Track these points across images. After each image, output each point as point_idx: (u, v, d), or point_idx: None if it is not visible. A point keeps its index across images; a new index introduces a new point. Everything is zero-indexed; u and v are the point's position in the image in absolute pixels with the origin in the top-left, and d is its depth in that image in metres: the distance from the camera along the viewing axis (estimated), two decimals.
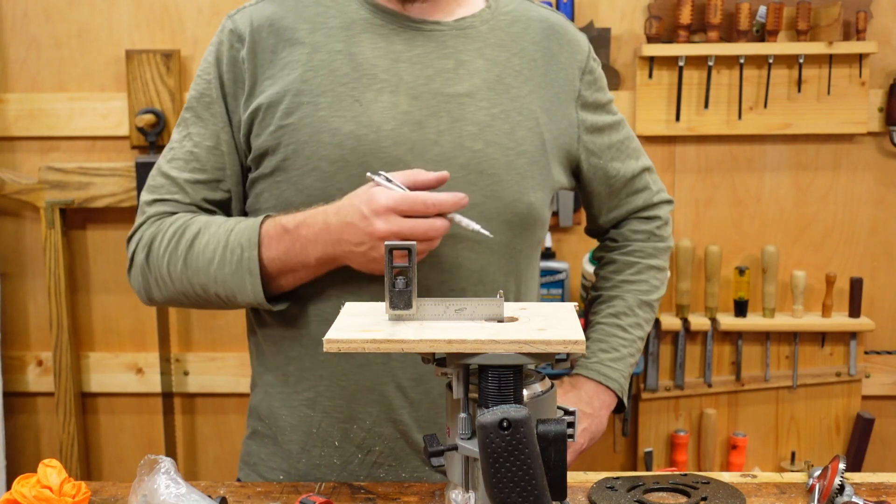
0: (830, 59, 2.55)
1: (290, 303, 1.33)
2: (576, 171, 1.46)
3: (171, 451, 2.69)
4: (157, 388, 2.68)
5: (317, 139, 1.28)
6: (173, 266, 1.31)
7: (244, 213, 1.38)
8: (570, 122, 1.41)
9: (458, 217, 1.22)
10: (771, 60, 2.54)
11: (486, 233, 1.22)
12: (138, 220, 1.37)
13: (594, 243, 1.62)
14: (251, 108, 1.32)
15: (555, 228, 2.62)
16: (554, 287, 2.53)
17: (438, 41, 1.34)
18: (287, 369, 1.37)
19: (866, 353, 2.71)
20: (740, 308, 2.62)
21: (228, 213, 1.38)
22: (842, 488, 1.16)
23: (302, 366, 1.36)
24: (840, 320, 2.63)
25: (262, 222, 1.28)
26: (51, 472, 1.15)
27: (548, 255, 2.58)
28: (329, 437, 1.35)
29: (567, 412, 1.05)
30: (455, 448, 1.01)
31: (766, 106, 2.57)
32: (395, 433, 1.34)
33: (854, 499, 1.16)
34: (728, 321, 2.62)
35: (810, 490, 1.22)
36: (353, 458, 1.35)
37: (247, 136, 1.33)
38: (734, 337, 2.68)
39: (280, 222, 1.27)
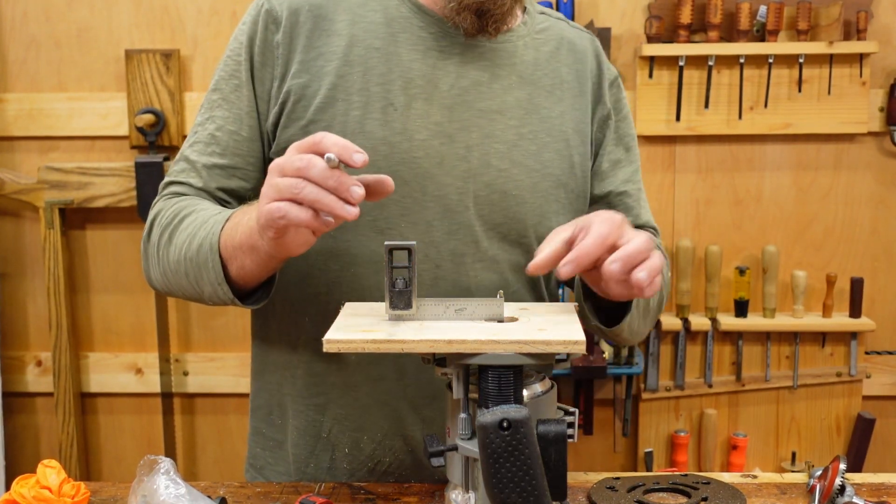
0: (831, 59, 2.54)
1: (263, 302, 1.24)
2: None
3: (170, 452, 2.69)
4: (157, 389, 2.68)
5: (349, 140, 1.25)
6: (161, 246, 1.27)
7: None
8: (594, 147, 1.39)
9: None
10: (771, 60, 2.53)
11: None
12: (155, 199, 1.34)
13: None
14: (282, 95, 1.27)
15: None
16: None
17: (476, 52, 1.30)
18: (296, 372, 1.34)
19: (867, 353, 2.71)
20: (741, 308, 2.62)
21: (241, 202, 1.32)
22: (842, 489, 1.16)
23: (312, 370, 1.33)
24: (840, 320, 2.63)
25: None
26: (50, 472, 1.15)
27: None
28: (339, 443, 1.33)
29: (567, 412, 1.05)
30: (455, 448, 1.01)
31: (766, 106, 2.57)
32: (406, 447, 1.32)
33: (855, 499, 1.16)
34: (728, 321, 2.62)
35: (811, 490, 1.22)
36: (362, 466, 1.33)
37: (275, 125, 1.29)
38: (734, 337, 2.68)
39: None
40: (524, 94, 1.31)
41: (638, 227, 1.38)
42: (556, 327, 1.01)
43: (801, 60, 2.53)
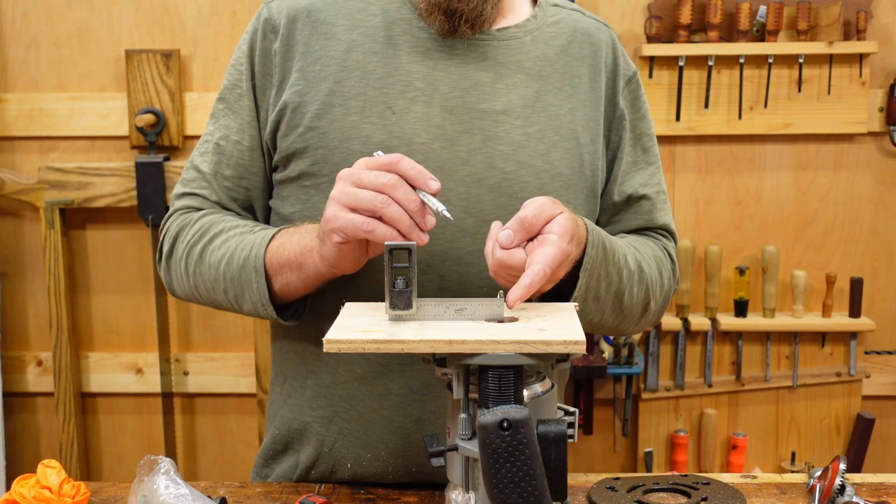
0: (831, 59, 2.54)
1: (298, 321, 1.26)
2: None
3: (170, 452, 2.69)
4: (157, 389, 2.68)
5: (346, 146, 1.23)
6: (191, 262, 1.28)
7: (267, 212, 1.34)
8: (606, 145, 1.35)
9: (423, 195, 1.07)
10: (771, 60, 2.54)
11: (450, 216, 1.07)
12: (169, 211, 1.35)
13: None
14: (279, 104, 1.27)
15: None
16: None
17: (478, 51, 1.27)
18: (305, 382, 1.32)
19: (866, 353, 2.71)
20: (740, 308, 2.62)
21: (252, 212, 1.34)
22: (842, 489, 1.16)
23: (320, 381, 1.30)
24: (840, 320, 2.63)
25: (283, 228, 1.23)
26: (50, 472, 1.15)
27: None
28: (341, 459, 1.30)
29: (567, 412, 1.05)
30: (455, 448, 1.01)
31: (766, 106, 2.57)
32: (407, 468, 1.28)
33: (855, 499, 1.16)
34: (728, 321, 2.62)
35: (811, 490, 1.22)
36: (363, 482, 1.31)
37: (273, 133, 1.28)
38: (734, 337, 2.68)
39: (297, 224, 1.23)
40: (531, 91, 1.27)
41: (652, 229, 1.39)
42: (557, 327, 1.01)
43: (800, 60, 2.53)
